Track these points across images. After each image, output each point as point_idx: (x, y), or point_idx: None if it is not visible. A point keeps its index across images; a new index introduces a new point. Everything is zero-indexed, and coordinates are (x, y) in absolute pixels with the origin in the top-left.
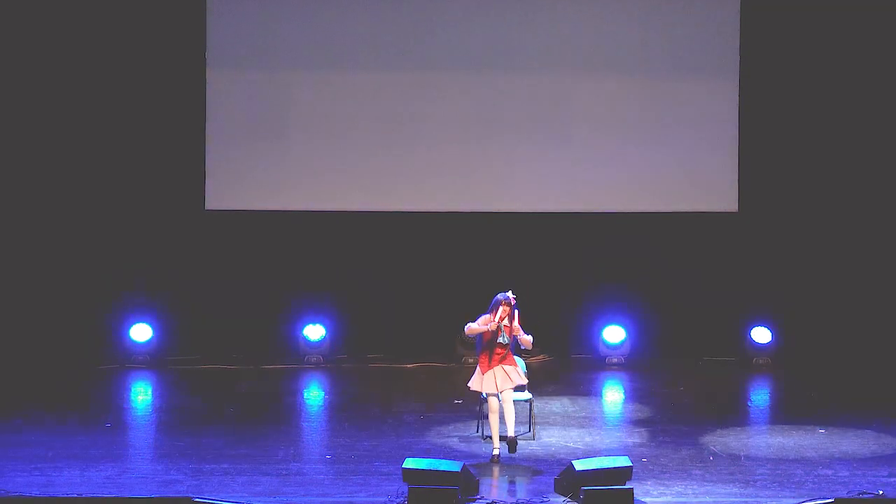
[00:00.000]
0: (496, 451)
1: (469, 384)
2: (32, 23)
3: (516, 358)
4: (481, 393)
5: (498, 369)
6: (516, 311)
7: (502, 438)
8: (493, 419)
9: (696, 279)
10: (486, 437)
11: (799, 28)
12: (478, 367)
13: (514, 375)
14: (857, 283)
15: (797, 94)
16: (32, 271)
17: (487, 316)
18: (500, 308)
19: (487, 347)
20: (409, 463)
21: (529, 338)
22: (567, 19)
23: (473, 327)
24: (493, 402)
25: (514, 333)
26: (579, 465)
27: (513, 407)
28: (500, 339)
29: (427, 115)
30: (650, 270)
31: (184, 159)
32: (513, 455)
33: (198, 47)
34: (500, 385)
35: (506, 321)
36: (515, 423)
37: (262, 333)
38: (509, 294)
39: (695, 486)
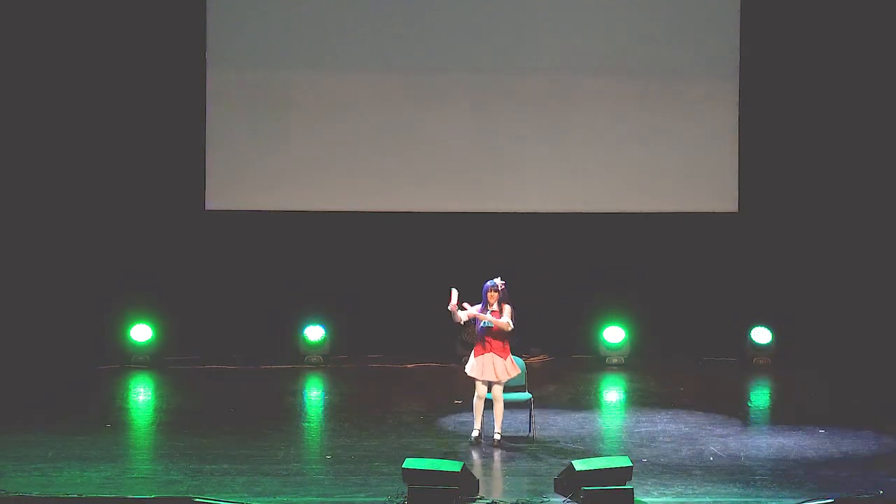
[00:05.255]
0: (475, 433)
1: (466, 368)
2: (33, 24)
3: (517, 358)
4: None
5: (488, 357)
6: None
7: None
8: (478, 404)
9: (696, 279)
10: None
11: (799, 28)
12: (472, 352)
13: (500, 370)
14: (857, 283)
15: (797, 95)
16: (33, 271)
17: (479, 306)
18: (494, 296)
19: (479, 334)
20: (409, 463)
21: (505, 322)
22: (567, 20)
23: (471, 312)
24: (479, 387)
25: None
26: (579, 465)
27: (502, 406)
28: (486, 324)
29: (427, 115)
30: (650, 270)
31: (184, 159)
32: (512, 455)
33: (198, 47)
34: (486, 375)
35: (495, 307)
36: (515, 422)
37: (262, 333)
38: (497, 281)
39: (695, 486)
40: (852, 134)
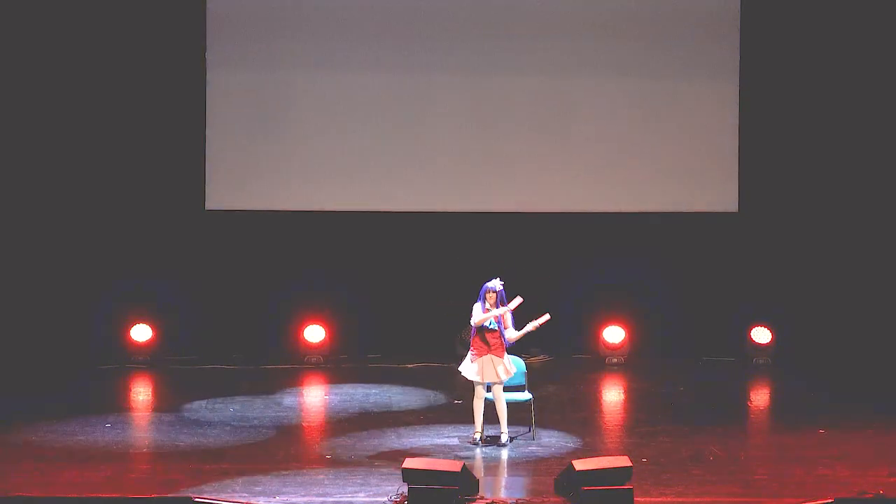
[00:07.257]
0: (476, 434)
1: (460, 368)
2: (33, 24)
3: (515, 358)
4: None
5: (487, 359)
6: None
7: (494, 440)
8: (478, 405)
9: (695, 279)
10: (486, 437)
11: (799, 28)
12: (469, 354)
13: (500, 370)
14: (857, 283)
15: (797, 95)
16: (33, 271)
17: (479, 304)
18: (492, 297)
19: (478, 334)
20: (409, 463)
21: (516, 335)
22: (567, 20)
23: (482, 317)
24: (478, 389)
25: (504, 325)
26: (579, 465)
27: (504, 405)
28: (489, 326)
29: (427, 115)
30: (650, 270)
31: (184, 159)
32: (512, 455)
33: (198, 47)
34: (486, 377)
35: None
36: (515, 422)
37: (262, 333)
38: (497, 283)
39: (695, 486)
40: (853, 133)
